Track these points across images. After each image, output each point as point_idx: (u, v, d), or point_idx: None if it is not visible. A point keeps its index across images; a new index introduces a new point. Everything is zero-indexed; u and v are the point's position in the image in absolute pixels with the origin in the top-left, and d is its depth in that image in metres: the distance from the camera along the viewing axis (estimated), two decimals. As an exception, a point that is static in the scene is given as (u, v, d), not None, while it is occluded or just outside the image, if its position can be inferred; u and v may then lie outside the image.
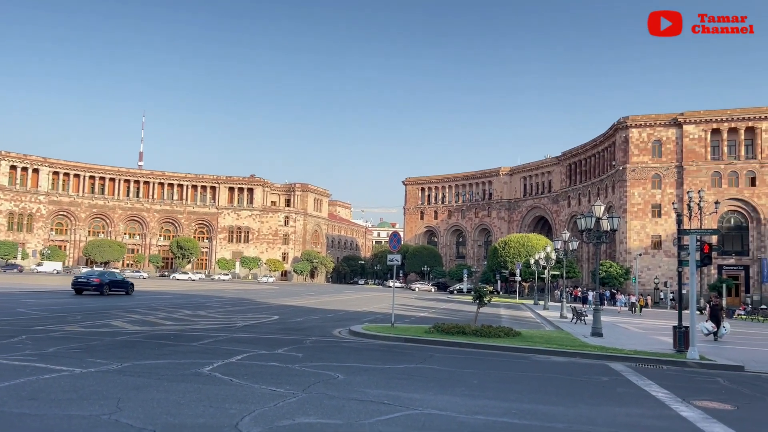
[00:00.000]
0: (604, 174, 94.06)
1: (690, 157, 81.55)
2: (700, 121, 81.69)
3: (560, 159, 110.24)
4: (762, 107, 79.83)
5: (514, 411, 9.43)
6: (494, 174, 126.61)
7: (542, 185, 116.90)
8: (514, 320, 34.75)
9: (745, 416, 10.02)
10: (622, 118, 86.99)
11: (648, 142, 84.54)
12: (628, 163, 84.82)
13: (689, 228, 23.76)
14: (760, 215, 78.61)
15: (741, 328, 38.32)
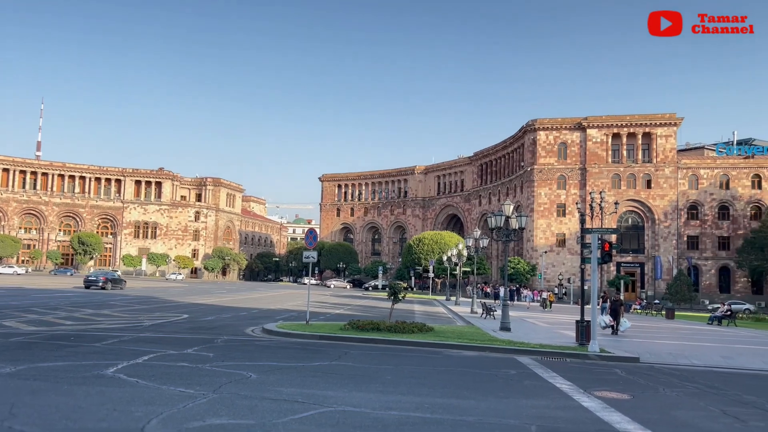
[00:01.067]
0: (513, 174, 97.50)
1: (593, 159, 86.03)
2: (602, 125, 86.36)
3: (473, 159, 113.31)
4: (657, 114, 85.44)
5: (427, 405, 9.60)
6: (410, 172, 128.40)
7: (455, 184, 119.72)
8: (428, 316, 35.39)
9: (639, 405, 10.67)
10: (530, 120, 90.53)
11: (554, 145, 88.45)
12: (535, 164, 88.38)
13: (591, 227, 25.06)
14: (654, 216, 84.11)
15: (636, 322, 40.82)
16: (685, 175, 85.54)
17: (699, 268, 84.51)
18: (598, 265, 20.15)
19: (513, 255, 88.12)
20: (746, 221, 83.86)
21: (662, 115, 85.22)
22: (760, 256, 78.28)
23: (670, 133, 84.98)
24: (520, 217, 26.77)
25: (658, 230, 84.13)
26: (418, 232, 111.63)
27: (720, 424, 9.34)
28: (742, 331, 35.06)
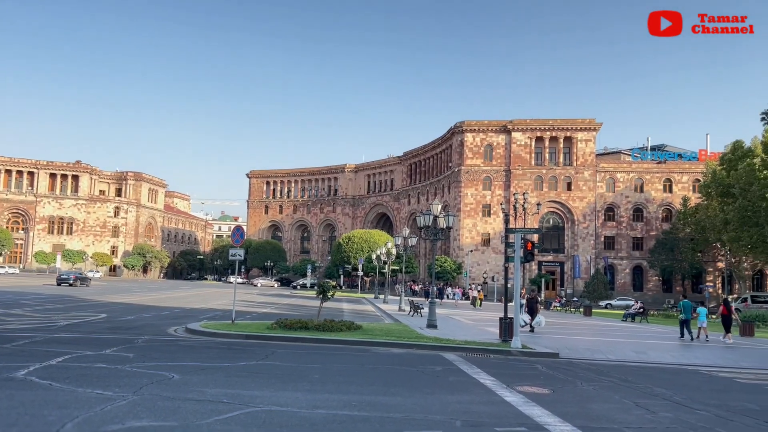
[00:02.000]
0: (441, 174, 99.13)
1: (517, 161, 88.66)
2: (526, 129, 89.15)
3: (402, 159, 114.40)
4: (578, 119, 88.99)
5: (354, 403, 9.62)
6: (340, 170, 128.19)
7: (385, 183, 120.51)
8: (356, 314, 35.46)
9: (558, 399, 11.10)
10: (458, 122, 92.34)
11: (481, 147, 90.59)
12: (462, 165, 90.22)
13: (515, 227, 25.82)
14: (574, 217, 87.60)
15: (556, 319, 42.38)
16: (603, 178, 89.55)
17: (615, 267, 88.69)
18: (521, 264, 20.79)
19: (440, 254, 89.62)
20: (658, 223, 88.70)
21: (582, 120, 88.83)
22: (670, 257, 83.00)
23: (590, 138, 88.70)
24: (448, 217, 27.25)
25: (577, 231, 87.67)
26: (348, 231, 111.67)
27: (632, 415, 9.83)
28: (653, 327, 37.07)
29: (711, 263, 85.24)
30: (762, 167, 54.94)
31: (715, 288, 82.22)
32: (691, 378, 15.09)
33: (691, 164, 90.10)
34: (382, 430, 8.02)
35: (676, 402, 11.17)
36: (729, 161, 64.08)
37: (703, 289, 77.97)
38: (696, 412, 10.25)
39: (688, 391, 12.51)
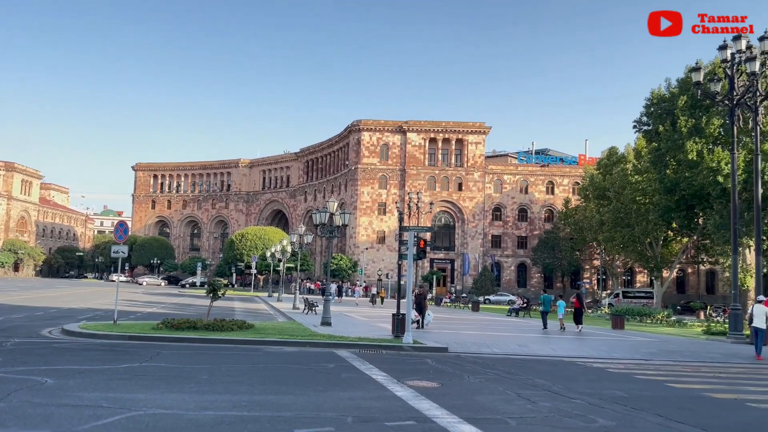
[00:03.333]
0: (338, 172, 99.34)
1: (411, 162, 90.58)
2: (420, 130, 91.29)
3: (299, 155, 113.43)
4: (469, 122, 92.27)
5: (245, 403, 9.43)
6: (233, 165, 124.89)
7: (281, 179, 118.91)
8: (249, 313, 34.75)
9: (447, 392, 11.46)
10: (355, 121, 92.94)
11: (377, 146, 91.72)
12: (359, 163, 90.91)
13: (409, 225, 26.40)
14: (464, 216, 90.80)
15: (446, 314, 43.75)
16: (492, 179, 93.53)
17: (501, 265, 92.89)
18: (413, 261, 21.26)
19: (336, 251, 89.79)
20: (541, 223, 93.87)
21: (473, 123, 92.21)
22: (551, 255, 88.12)
23: (480, 141, 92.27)
24: (344, 215, 27.33)
25: (467, 229, 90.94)
26: (242, 228, 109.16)
27: (515, 405, 10.34)
28: (535, 322, 39.13)
29: (588, 261, 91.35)
30: (633, 172, 59.50)
31: (591, 284, 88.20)
32: (568, 369, 16.07)
33: (571, 168, 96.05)
34: (272, 429, 7.91)
35: (554, 392, 11.86)
36: (605, 166, 68.92)
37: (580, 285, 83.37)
38: (572, 400, 10.93)
39: (565, 382, 13.32)
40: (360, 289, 68.63)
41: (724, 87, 26.52)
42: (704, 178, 47.69)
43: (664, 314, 43.00)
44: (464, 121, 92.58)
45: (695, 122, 49.29)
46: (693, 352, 21.50)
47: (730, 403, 11.50)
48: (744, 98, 25.18)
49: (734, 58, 24.88)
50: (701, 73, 27.14)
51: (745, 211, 41.70)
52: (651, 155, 54.45)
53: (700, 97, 32.53)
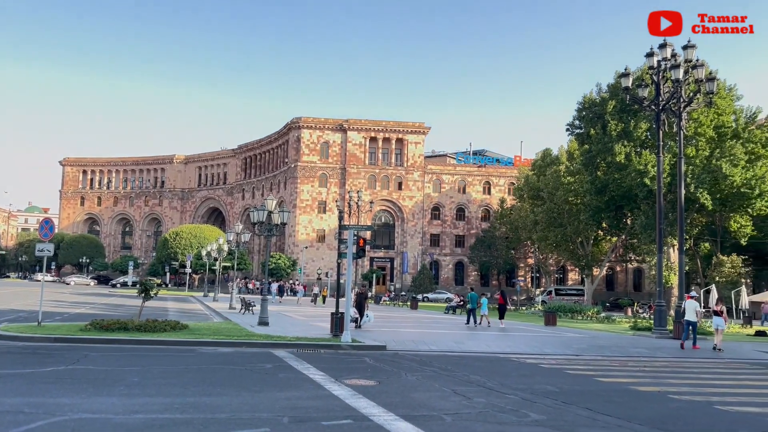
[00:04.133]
0: (278, 170, 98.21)
1: (352, 160, 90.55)
2: (361, 128, 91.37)
3: (237, 152, 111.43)
4: (409, 122, 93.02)
5: (177, 406, 9.18)
6: (168, 161, 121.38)
7: (218, 176, 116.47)
8: (183, 313, 33.88)
9: (384, 390, 11.50)
10: (295, 118, 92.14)
11: (317, 144, 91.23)
12: (299, 161, 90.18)
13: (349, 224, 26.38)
14: (404, 215, 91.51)
15: (385, 312, 43.96)
16: (431, 179, 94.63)
17: (439, 263, 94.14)
18: (353, 260, 21.24)
19: (275, 250, 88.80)
20: (478, 222, 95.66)
21: (413, 123, 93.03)
22: (487, 253, 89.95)
23: (420, 141, 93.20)
24: (283, 213, 27.02)
25: (406, 228, 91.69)
26: (176, 226, 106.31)
27: (450, 402, 10.49)
28: (472, 319, 39.80)
29: (522, 259, 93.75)
30: (566, 174, 61.49)
31: (525, 282, 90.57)
32: (503, 365, 16.43)
33: (507, 168, 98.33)
34: (205, 431, 7.73)
35: (489, 388, 12.10)
36: (539, 167, 70.95)
37: (515, 282, 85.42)
38: (506, 396, 11.18)
39: (500, 378, 13.61)
40: (302, 289, 67.73)
41: (650, 93, 27.71)
42: (632, 180, 49.80)
43: (594, 311, 44.61)
44: (404, 121, 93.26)
45: (624, 126, 51.37)
46: (620, 347, 22.38)
47: (653, 396, 12.03)
48: (669, 104, 26.40)
49: (660, 66, 26.04)
50: (630, 78, 28.32)
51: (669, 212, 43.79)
52: (583, 157, 56.40)
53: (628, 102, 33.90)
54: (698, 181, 47.52)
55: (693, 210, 50.52)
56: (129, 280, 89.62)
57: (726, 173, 47.49)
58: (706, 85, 26.95)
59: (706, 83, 26.83)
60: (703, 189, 47.68)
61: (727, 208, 52.69)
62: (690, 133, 46.95)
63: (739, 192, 49.45)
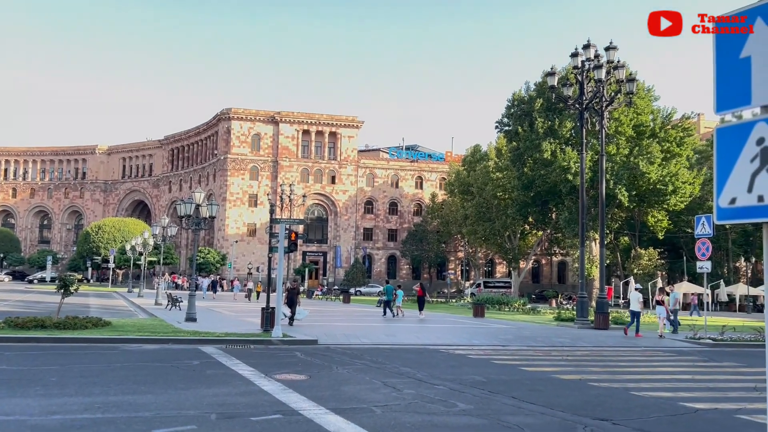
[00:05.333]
0: (207, 162, 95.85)
1: (284, 153, 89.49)
2: (293, 121, 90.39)
3: (163, 143, 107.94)
4: (342, 116, 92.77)
5: (98, 405, 8.85)
6: (90, 151, 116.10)
7: (143, 168, 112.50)
8: (105, 309, 32.64)
9: (315, 384, 11.48)
10: (225, 109, 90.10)
11: (248, 135, 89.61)
12: (229, 153, 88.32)
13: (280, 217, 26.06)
14: (337, 209, 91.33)
15: (318, 306, 43.77)
16: (364, 173, 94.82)
17: (372, 257, 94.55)
18: (284, 254, 21.04)
19: (204, 244, 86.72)
20: (410, 216, 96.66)
21: (346, 117, 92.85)
22: (419, 247, 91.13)
23: (353, 134, 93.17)
24: (211, 206, 26.42)
25: (339, 222, 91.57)
26: (99, 219, 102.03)
27: (380, 394, 10.59)
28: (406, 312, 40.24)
29: (453, 253, 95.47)
30: (495, 170, 63.01)
31: (455, 275, 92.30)
32: (432, 356, 16.71)
33: (438, 164, 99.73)
34: (128, 431, 7.50)
35: (418, 379, 12.29)
36: (469, 163, 72.43)
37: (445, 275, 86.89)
38: (435, 387, 11.39)
39: (429, 369, 13.85)
40: (238, 284, 66.12)
41: (575, 92, 28.77)
42: (557, 176, 51.60)
43: (520, 302, 46.01)
44: (338, 115, 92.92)
45: (551, 124, 53.12)
46: (545, 337, 23.20)
47: (575, 384, 12.55)
48: (592, 103, 27.50)
49: (584, 66, 27.07)
50: (555, 77, 29.30)
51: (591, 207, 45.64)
52: (511, 154, 57.96)
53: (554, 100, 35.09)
54: (618, 177, 49.77)
55: (613, 205, 52.85)
56: (47, 275, 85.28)
57: (643, 170, 50.00)
58: (627, 85, 28.22)
59: (626, 84, 28.09)
60: (622, 185, 49.99)
61: (645, 204, 55.44)
62: (611, 131, 49.05)
63: (656, 188, 52.17)
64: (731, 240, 62.73)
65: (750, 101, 4.37)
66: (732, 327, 26.09)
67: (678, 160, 53.05)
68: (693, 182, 53.19)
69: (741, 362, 16.95)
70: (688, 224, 50.20)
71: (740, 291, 59.07)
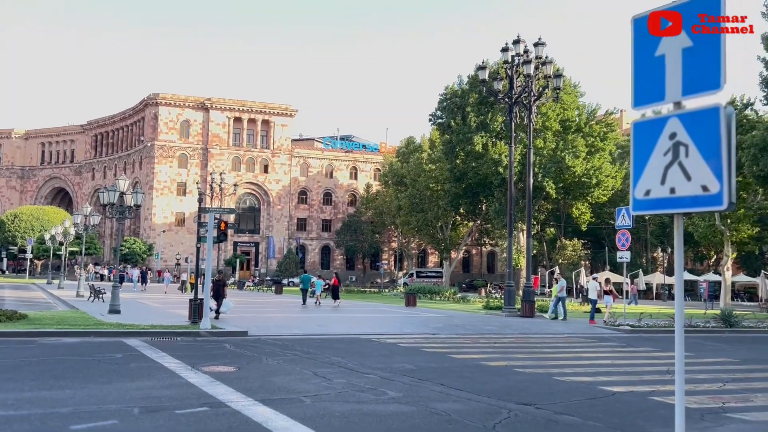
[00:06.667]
0: (132, 149, 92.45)
1: (215, 141, 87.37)
2: (225, 108, 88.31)
3: (86, 128, 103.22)
4: (276, 104, 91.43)
5: (11, 402, 8.41)
6: (5, 135, 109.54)
7: (64, 154, 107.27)
8: (22, 302, 30.98)
9: (243, 375, 11.31)
10: (152, 94, 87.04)
11: (177, 122, 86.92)
12: (156, 140, 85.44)
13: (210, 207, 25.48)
14: (270, 198, 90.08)
15: (249, 298, 43.16)
16: (298, 162, 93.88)
17: (306, 247, 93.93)
18: (214, 244, 20.59)
19: (129, 234, 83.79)
20: (344, 207, 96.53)
21: (280, 105, 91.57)
22: (353, 237, 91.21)
23: (287, 123, 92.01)
24: (136, 194, 25.49)
25: (272, 212, 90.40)
26: (15, 207, 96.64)
27: (311, 384, 10.55)
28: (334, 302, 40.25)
29: (387, 243, 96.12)
30: (428, 161, 63.77)
31: (389, 265, 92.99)
32: (363, 346, 16.78)
33: (373, 155, 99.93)
34: (44, 428, 7.17)
35: (349, 368, 12.32)
36: (403, 154, 73.02)
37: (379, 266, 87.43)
38: (365, 376, 11.45)
39: (360, 358, 13.90)
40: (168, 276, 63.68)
41: (505, 86, 29.41)
42: (488, 169, 52.80)
43: (451, 292, 46.89)
44: (271, 103, 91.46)
45: (482, 118, 54.20)
46: (473, 325, 23.74)
47: (501, 370, 12.90)
48: (521, 97, 28.20)
49: (514, 60, 27.70)
50: (487, 71, 29.86)
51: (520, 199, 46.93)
52: (444, 146, 58.79)
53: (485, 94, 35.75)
54: (545, 171, 51.44)
55: (541, 197, 54.57)
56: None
57: (569, 164, 51.89)
58: (554, 81, 29.09)
59: (553, 79, 28.96)
60: (549, 178, 51.72)
61: (570, 196, 57.56)
62: (539, 126, 50.53)
63: (580, 181, 54.27)
64: (650, 231, 66.04)
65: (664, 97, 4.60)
66: (649, 314, 27.48)
67: (601, 155, 55.30)
68: (615, 176, 55.59)
69: (656, 347, 17.87)
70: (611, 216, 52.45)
71: (657, 280, 62.35)
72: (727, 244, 47.50)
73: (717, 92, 4.26)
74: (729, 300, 48.35)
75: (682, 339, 4.58)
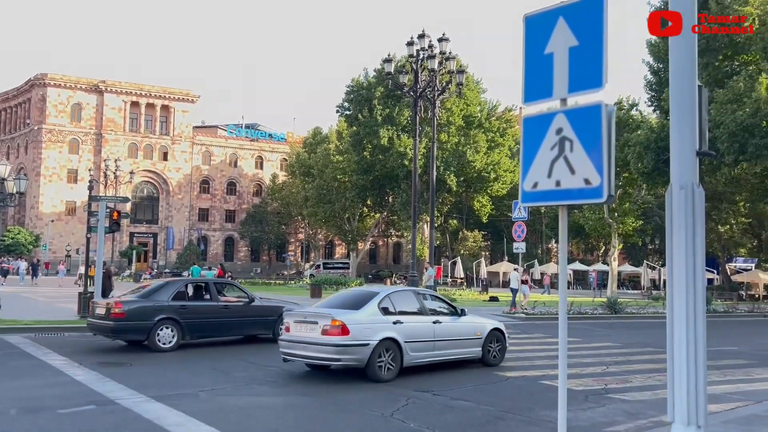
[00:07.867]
0: (16, 132, 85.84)
1: (109, 126, 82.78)
2: (120, 91, 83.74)
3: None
4: (176, 89, 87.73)
5: None
6: None
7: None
8: None
9: (137, 372, 10.82)
10: (40, 74, 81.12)
11: (68, 105, 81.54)
12: (44, 123, 79.77)
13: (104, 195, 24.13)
14: (170, 187, 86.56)
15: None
16: (200, 150, 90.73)
17: (208, 239, 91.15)
18: (106, 235, 19.54)
19: (14, 223, 77.97)
20: (250, 197, 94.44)
21: (180, 90, 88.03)
22: (259, 229, 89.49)
23: (188, 109, 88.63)
24: (19, 180, 23.65)
25: (172, 202, 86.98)
26: None
27: (207, 378, 10.29)
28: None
29: (293, 235, 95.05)
30: (335, 153, 63.60)
31: (296, 256, 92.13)
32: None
33: (280, 144, 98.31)
34: None
35: (250, 362, 12.13)
36: (310, 145, 72.44)
37: (285, 257, 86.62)
38: (266, 368, 11.33)
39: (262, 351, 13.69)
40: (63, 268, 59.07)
41: (410, 80, 29.77)
42: (394, 162, 53.46)
43: (357, 282, 47.06)
44: (170, 87, 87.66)
45: (389, 111, 54.75)
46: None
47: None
48: (426, 91, 28.66)
49: (419, 55, 28.08)
50: (393, 65, 30.12)
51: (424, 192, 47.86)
52: (351, 138, 58.86)
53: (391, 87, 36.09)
54: (448, 164, 52.81)
55: (444, 190, 55.91)
56: None
57: (470, 159, 53.60)
58: (457, 76, 29.76)
59: (456, 75, 29.63)
60: (451, 172, 53.17)
61: (471, 189, 59.40)
62: (443, 120, 51.67)
63: (481, 175, 56.18)
64: (545, 224, 69.35)
65: (552, 94, 4.79)
66: (542, 302, 28.88)
67: (501, 150, 57.45)
68: (513, 170, 57.90)
69: (548, 333, 18.81)
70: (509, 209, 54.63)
71: (551, 270, 65.67)
72: (614, 236, 50.83)
73: (599, 90, 4.49)
74: (615, 288, 51.73)
75: (565, 325, 4.84)
